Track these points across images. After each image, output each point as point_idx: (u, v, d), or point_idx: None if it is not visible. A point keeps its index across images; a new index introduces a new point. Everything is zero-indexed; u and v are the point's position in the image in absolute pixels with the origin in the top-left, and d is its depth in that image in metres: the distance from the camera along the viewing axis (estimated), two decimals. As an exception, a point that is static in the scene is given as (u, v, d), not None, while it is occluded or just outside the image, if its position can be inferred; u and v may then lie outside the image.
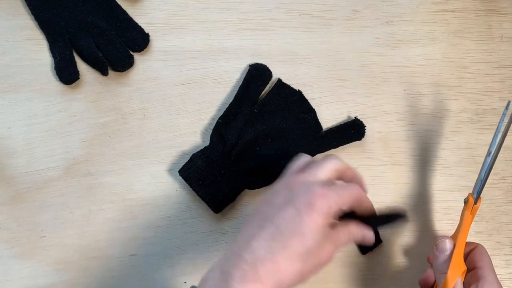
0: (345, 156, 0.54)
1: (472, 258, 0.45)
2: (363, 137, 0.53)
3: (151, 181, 0.54)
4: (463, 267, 0.43)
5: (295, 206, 0.38)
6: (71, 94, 0.55)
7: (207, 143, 0.54)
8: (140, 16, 0.57)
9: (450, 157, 0.54)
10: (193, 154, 0.51)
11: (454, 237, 0.46)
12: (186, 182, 0.51)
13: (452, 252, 0.44)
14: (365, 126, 0.53)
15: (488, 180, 0.54)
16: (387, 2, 0.57)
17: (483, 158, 0.54)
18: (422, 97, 0.55)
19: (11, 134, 0.54)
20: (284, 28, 0.57)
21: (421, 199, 0.53)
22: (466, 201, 0.46)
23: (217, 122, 0.53)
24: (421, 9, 0.57)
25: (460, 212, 0.47)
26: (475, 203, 0.46)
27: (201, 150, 0.52)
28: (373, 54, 0.56)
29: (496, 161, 0.54)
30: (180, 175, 0.51)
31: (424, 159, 0.54)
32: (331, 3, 0.57)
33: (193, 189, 0.51)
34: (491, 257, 0.52)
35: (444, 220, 0.53)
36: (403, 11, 0.57)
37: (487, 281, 0.43)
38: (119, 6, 0.56)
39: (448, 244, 0.44)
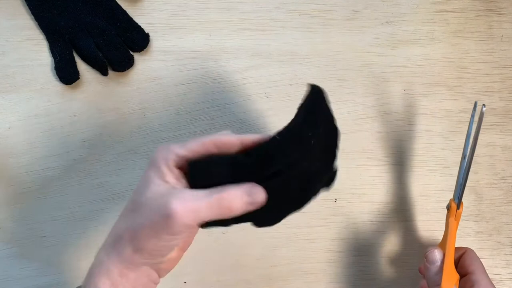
0: (345, 156, 0.54)
1: (463, 263, 0.45)
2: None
3: (151, 181, 0.54)
4: (456, 276, 0.43)
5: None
6: (71, 94, 0.55)
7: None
8: (140, 16, 0.57)
9: (450, 157, 0.54)
10: (215, 157, 0.38)
11: (442, 245, 0.45)
12: (190, 177, 0.38)
13: (442, 262, 0.43)
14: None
15: (488, 180, 0.54)
16: (387, 2, 0.57)
17: (482, 159, 0.54)
18: (422, 97, 0.55)
19: (11, 134, 0.54)
20: (284, 28, 0.57)
21: (421, 199, 0.53)
22: (448, 207, 0.46)
23: (272, 138, 0.37)
24: (421, 9, 0.57)
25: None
26: (458, 208, 0.45)
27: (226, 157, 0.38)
28: (373, 54, 0.56)
29: (497, 161, 0.54)
30: (189, 165, 0.37)
31: (424, 159, 0.54)
32: (331, 3, 0.57)
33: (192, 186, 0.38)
34: (491, 257, 0.52)
35: (444, 220, 0.53)
36: (403, 11, 0.57)
37: (481, 285, 0.42)
38: (119, 6, 0.56)
39: (437, 255, 0.43)
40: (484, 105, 0.44)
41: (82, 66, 0.56)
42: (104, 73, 0.55)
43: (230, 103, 0.55)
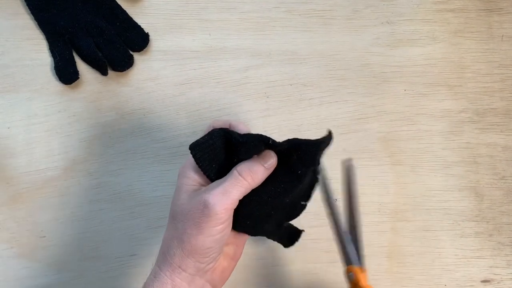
0: (345, 156, 0.54)
1: None
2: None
3: (151, 181, 0.54)
4: None
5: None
6: (71, 94, 0.55)
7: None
8: (140, 16, 0.57)
9: (451, 157, 0.54)
10: (213, 130, 0.40)
11: None
12: (197, 162, 0.39)
13: None
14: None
15: (488, 180, 0.54)
16: (387, 2, 0.57)
17: (483, 159, 0.54)
18: (422, 96, 0.55)
19: (11, 134, 0.54)
20: (284, 28, 0.57)
21: (421, 199, 0.53)
22: (352, 277, 0.41)
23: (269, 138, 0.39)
24: (421, 9, 0.57)
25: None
26: (363, 271, 0.42)
27: (223, 129, 0.41)
28: (373, 54, 0.56)
29: (497, 161, 0.54)
30: (190, 150, 0.39)
31: (424, 159, 0.54)
32: (331, 3, 0.57)
33: (203, 171, 0.40)
34: (492, 257, 0.52)
35: (444, 220, 0.53)
36: (403, 10, 0.57)
37: None
38: (119, 6, 0.56)
39: None
40: (351, 160, 0.39)
41: (82, 66, 0.56)
42: (104, 73, 0.55)
43: (230, 103, 0.55)
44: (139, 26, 0.56)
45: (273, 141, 0.38)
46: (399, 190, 0.54)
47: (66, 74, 0.54)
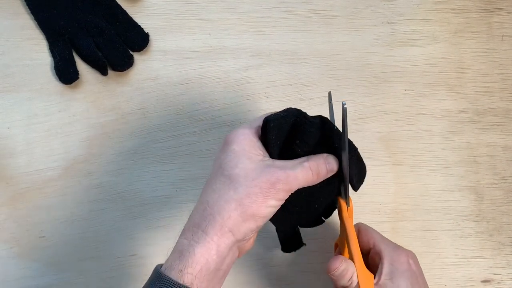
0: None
1: (361, 240, 0.44)
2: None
3: (151, 181, 0.54)
4: (371, 275, 0.41)
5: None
6: (71, 94, 0.55)
7: (206, 143, 0.54)
8: (140, 16, 0.57)
9: (451, 157, 0.54)
10: (290, 108, 0.42)
11: (340, 241, 0.44)
12: (269, 136, 0.40)
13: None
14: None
15: (489, 180, 0.54)
16: (388, 2, 0.57)
17: (483, 159, 0.54)
18: (422, 96, 0.55)
19: (11, 134, 0.54)
20: (284, 27, 0.57)
21: (421, 199, 0.53)
22: (338, 207, 0.44)
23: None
24: (422, 9, 0.57)
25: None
26: (348, 205, 0.43)
27: (298, 110, 0.42)
28: (374, 54, 0.56)
29: (497, 161, 0.54)
30: (268, 123, 0.40)
31: (424, 159, 0.54)
32: (332, 3, 0.57)
33: (270, 145, 0.40)
34: (492, 257, 0.52)
35: (445, 220, 0.53)
36: (404, 10, 0.57)
37: (386, 254, 0.42)
38: (119, 5, 0.56)
39: (348, 268, 0.41)
40: (344, 103, 0.39)
41: (82, 66, 0.56)
42: (104, 73, 0.55)
43: (230, 103, 0.55)
44: (139, 26, 0.56)
45: (337, 129, 0.40)
46: (399, 190, 0.54)
47: (66, 74, 0.54)
